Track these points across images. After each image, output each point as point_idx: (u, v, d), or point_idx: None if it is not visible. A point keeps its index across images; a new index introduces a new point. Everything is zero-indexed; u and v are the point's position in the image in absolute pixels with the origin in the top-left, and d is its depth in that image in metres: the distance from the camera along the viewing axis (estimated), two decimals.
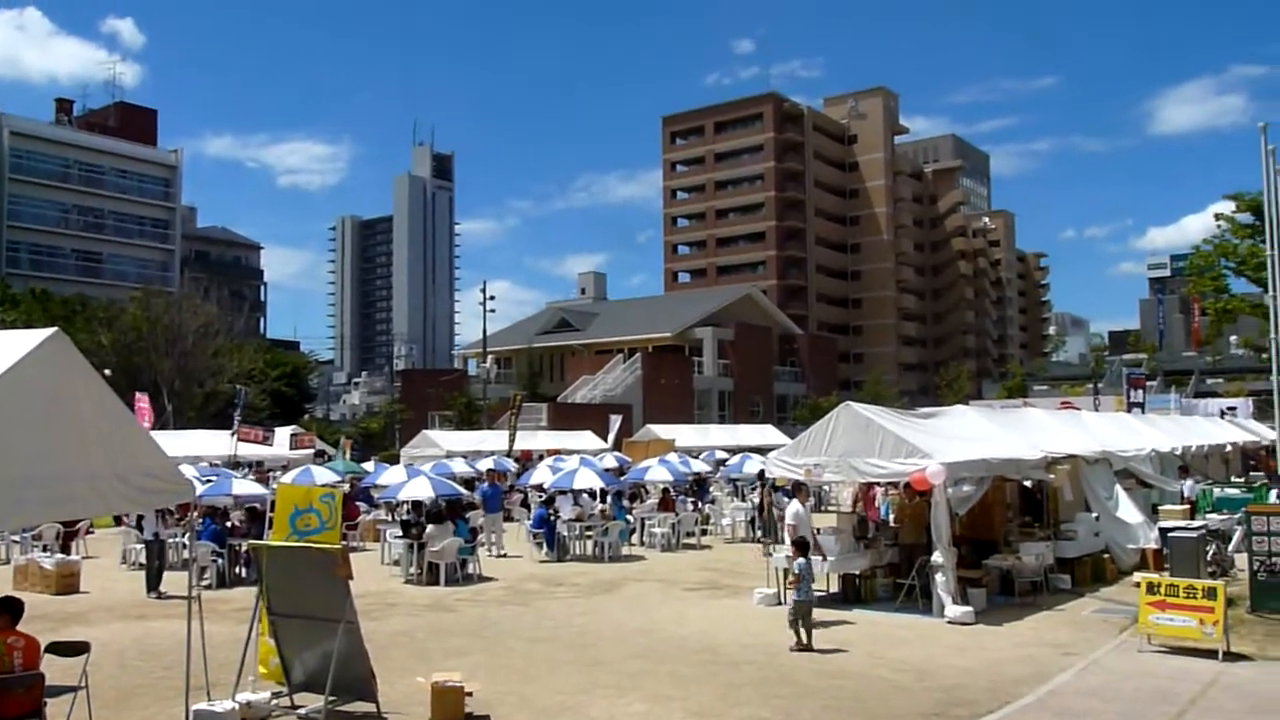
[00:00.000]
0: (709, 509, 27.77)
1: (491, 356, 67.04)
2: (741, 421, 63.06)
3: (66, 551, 20.35)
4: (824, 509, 27.47)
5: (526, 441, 41.98)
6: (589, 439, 43.81)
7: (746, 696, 10.26)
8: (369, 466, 33.57)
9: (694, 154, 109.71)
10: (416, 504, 21.07)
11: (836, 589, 15.67)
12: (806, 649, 12.15)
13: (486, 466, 33.27)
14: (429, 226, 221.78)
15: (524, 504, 29.17)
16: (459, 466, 32.86)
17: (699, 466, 32.88)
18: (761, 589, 15.55)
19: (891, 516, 17.70)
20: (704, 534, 25.82)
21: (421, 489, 20.74)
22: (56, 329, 7.61)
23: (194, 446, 33.18)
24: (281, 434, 33.62)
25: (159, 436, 24.06)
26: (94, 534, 24.58)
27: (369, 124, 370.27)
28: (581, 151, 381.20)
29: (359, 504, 26.53)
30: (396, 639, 13.23)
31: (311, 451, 33.84)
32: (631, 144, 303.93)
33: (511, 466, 35.43)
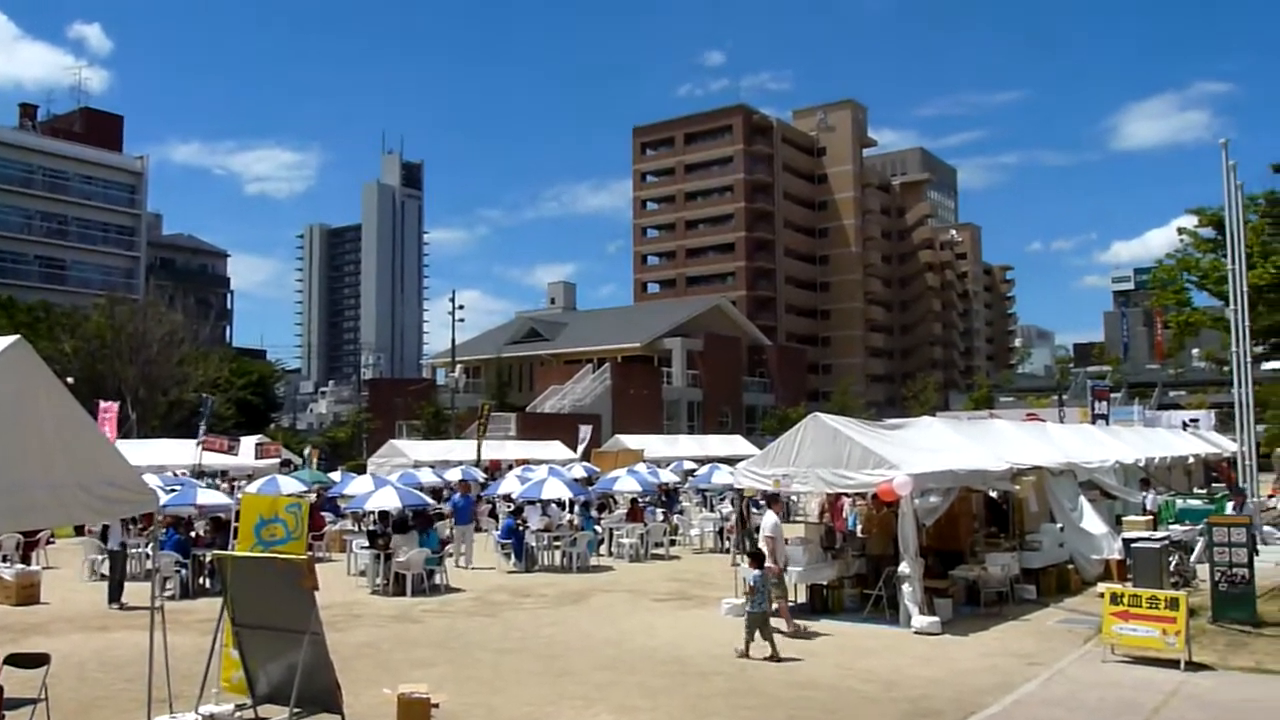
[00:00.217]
0: (677, 519, 27.78)
1: (460, 366, 66.75)
2: (710, 432, 63.11)
3: (27, 562, 20.03)
4: (791, 519, 27.54)
5: (495, 451, 41.84)
6: (558, 449, 43.71)
7: (715, 707, 10.27)
8: (336, 476, 33.31)
9: (664, 165, 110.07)
10: (383, 514, 20.93)
11: (804, 599, 15.72)
12: (775, 657, 12.21)
13: (455, 476, 33.12)
14: (398, 235, 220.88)
15: (492, 514, 29.05)
16: (426, 476, 32.74)
17: (667, 477, 32.90)
18: (730, 599, 15.57)
19: (859, 527, 17.78)
20: (672, 544, 25.82)
21: (388, 499, 20.61)
22: (18, 336, 7.52)
23: (158, 455, 32.82)
24: (247, 443, 33.28)
25: (122, 445, 23.77)
26: (55, 544, 24.21)
27: (338, 132, 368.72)
28: (552, 161, 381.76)
29: (325, 514, 26.32)
30: (362, 650, 13.12)
31: (277, 461, 33.50)
32: (602, 154, 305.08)
33: (480, 476, 35.30)
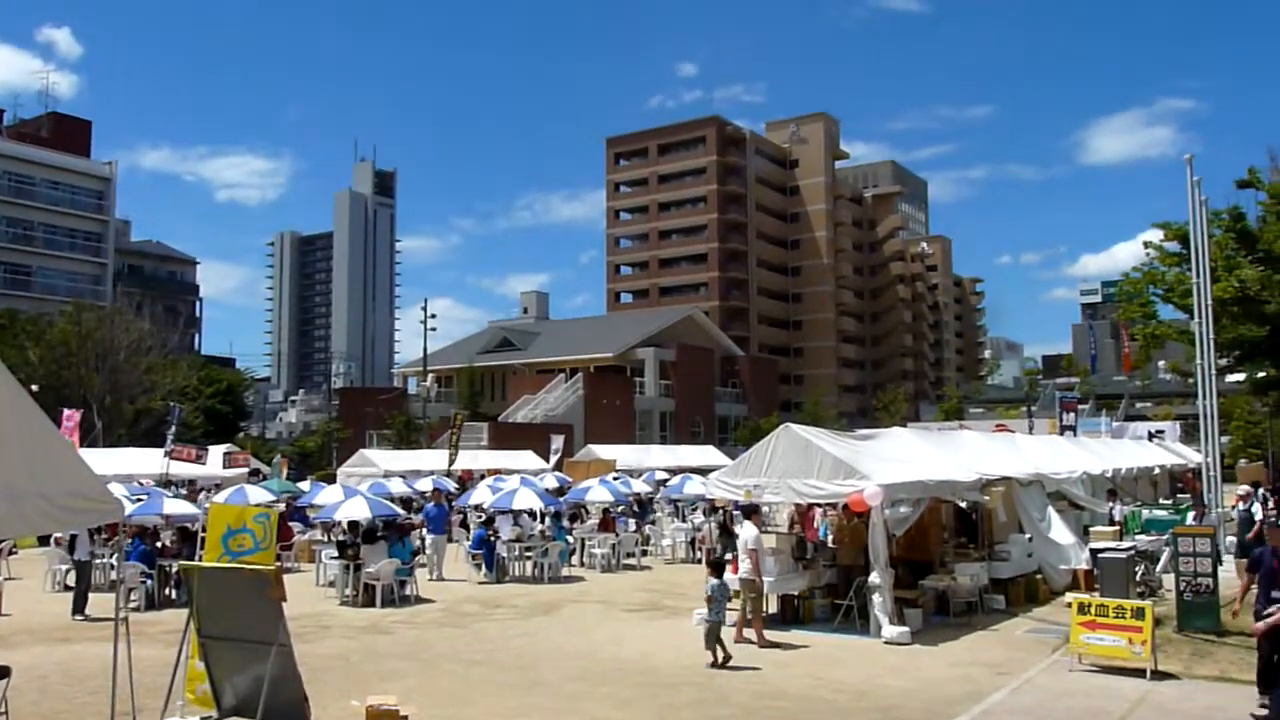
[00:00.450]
0: (649, 530, 27.75)
1: (432, 375, 66.52)
2: (683, 442, 63.16)
3: None
4: (764, 530, 27.55)
5: (467, 461, 41.63)
6: (530, 459, 43.59)
7: (685, 718, 10.25)
8: (305, 486, 33.05)
9: (637, 175, 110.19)
10: (353, 524, 20.78)
11: (775, 610, 15.73)
12: (724, 665, 12.42)
13: (426, 486, 32.93)
14: (370, 243, 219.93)
15: (463, 524, 28.91)
16: (396, 486, 32.54)
17: (640, 487, 32.87)
18: (701, 610, 15.49)
19: (830, 537, 17.82)
20: (644, 555, 25.79)
21: (358, 509, 20.45)
22: None
23: (124, 464, 32.41)
24: (215, 452, 32.98)
25: (88, 454, 23.52)
26: (17, 554, 23.88)
27: (310, 139, 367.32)
28: (525, 171, 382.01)
29: (294, 524, 26.11)
30: (331, 662, 13.01)
31: (246, 470, 33.19)
32: (575, 164, 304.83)
33: (451, 486, 35.12)
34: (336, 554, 19.79)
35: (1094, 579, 15.90)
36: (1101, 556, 15.23)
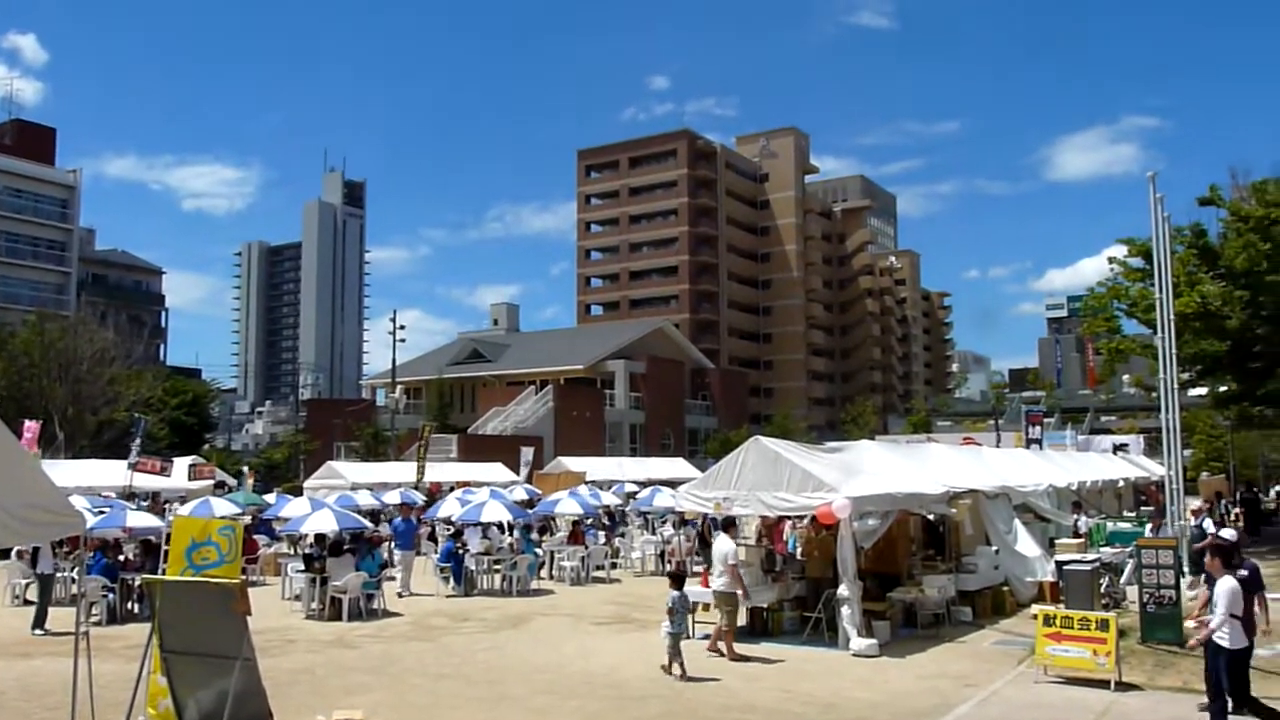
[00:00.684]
0: (619, 542, 27.70)
1: (401, 386, 66.03)
2: (652, 454, 63.18)
3: None
4: (736, 543, 27.57)
5: (435, 473, 41.42)
6: (499, 471, 43.43)
7: None
8: (271, 498, 32.73)
9: (608, 188, 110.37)
10: (320, 537, 20.60)
11: (744, 622, 15.72)
12: (669, 672, 12.54)
13: (394, 499, 32.72)
14: (339, 254, 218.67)
15: (431, 537, 28.73)
16: (364, 499, 32.29)
17: (609, 499, 32.81)
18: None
19: (799, 550, 17.87)
20: (614, 567, 25.73)
21: (325, 522, 20.26)
22: None
23: (87, 476, 31.90)
24: (180, 464, 32.59)
25: (49, 466, 23.20)
26: None
27: (279, 149, 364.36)
28: (496, 182, 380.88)
29: (260, 537, 25.85)
30: (296, 676, 12.87)
31: (211, 482, 32.81)
32: (546, 176, 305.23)
33: (419, 499, 34.90)
34: (303, 567, 19.61)
35: (1059, 591, 16.03)
36: (1066, 569, 15.35)
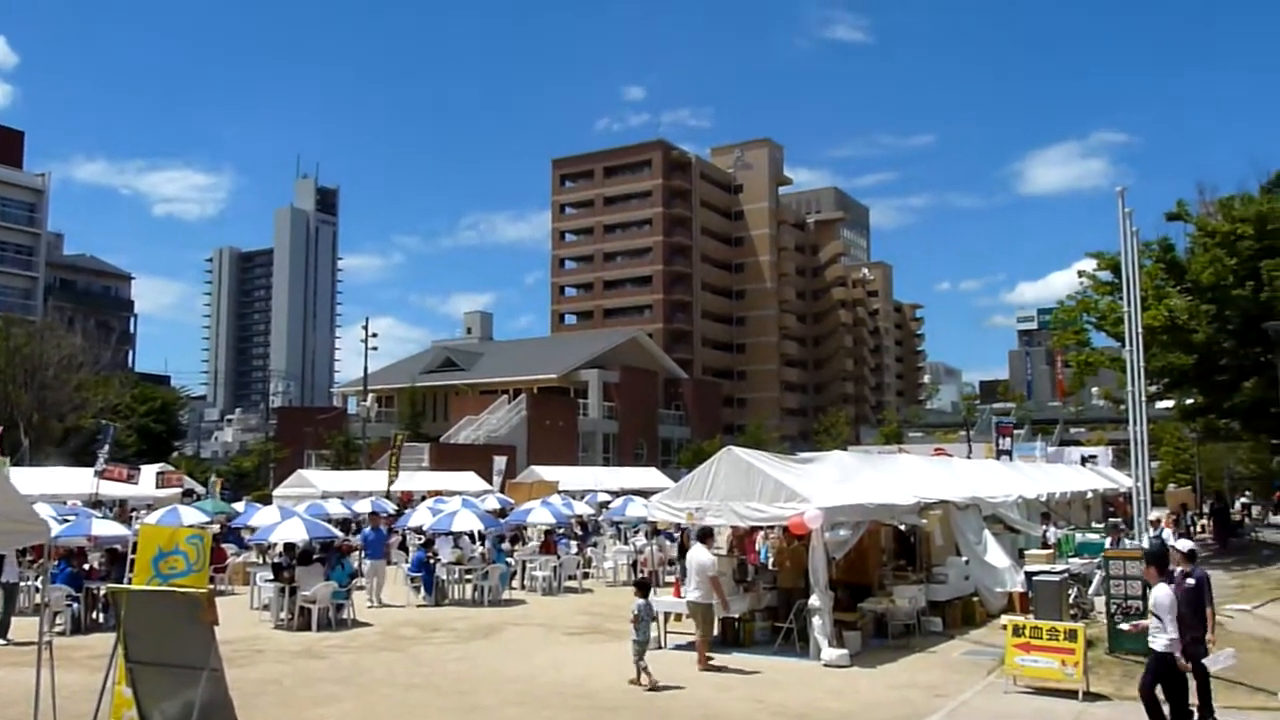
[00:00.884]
0: (591, 552, 27.64)
1: (373, 395, 65.67)
2: (626, 464, 63.07)
3: None
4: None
5: (407, 482, 41.20)
6: (472, 480, 43.23)
7: None
8: (239, 507, 32.42)
9: (583, 197, 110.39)
10: (289, 546, 20.42)
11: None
12: (637, 683, 12.54)
13: (365, 508, 32.48)
14: (311, 260, 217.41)
15: (402, 547, 28.55)
16: (334, 507, 32.07)
17: (582, 509, 32.73)
18: None
19: (770, 560, 17.89)
20: (586, 577, 25.67)
21: (295, 531, 20.09)
22: None
23: (52, 484, 31.45)
24: (148, 472, 32.21)
25: (13, 474, 22.85)
26: None
27: (252, 155, 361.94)
28: (471, 191, 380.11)
29: (229, 545, 25.60)
30: (264, 687, 12.74)
31: (179, 491, 32.45)
32: (521, 185, 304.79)
33: (391, 508, 34.69)
34: (272, 576, 19.43)
35: (1028, 601, 16.12)
36: (1036, 579, 15.45)
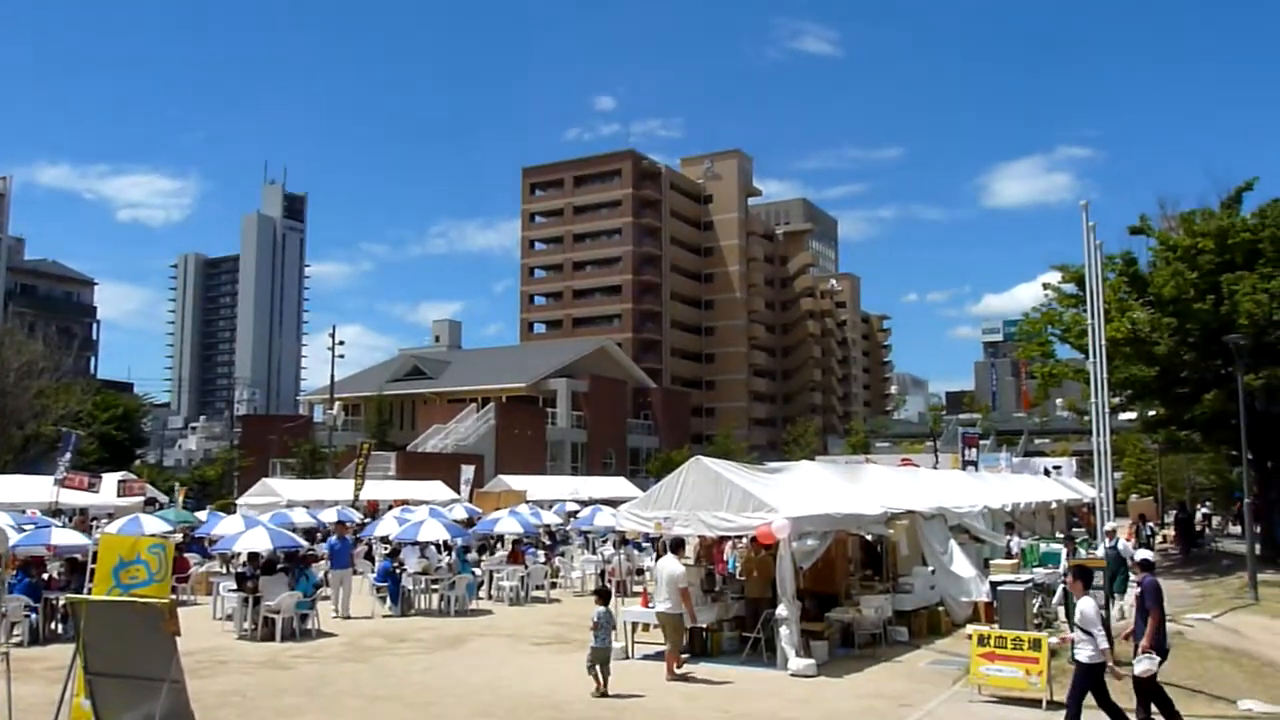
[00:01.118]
0: (559, 561, 27.55)
1: (339, 403, 65.26)
2: (594, 474, 63.03)
3: None
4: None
5: (373, 491, 40.90)
6: (439, 489, 43.01)
7: None
8: (203, 515, 32.08)
9: (553, 206, 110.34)
10: (253, 555, 20.22)
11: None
12: (604, 695, 12.56)
13: (330, 517, 32.23)
14: (278, 267, 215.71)
15: (368, 556, 28.34)
16: (299, 516, 31.79)
17: (550, 518, 32.64)
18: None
19: (738, 570, 17.91)
20: (553, 587, 25.57)
21: (259, 540, 19.91)
22: None
23: (11, 493, 31.00)
24: (109, 480, 31.82)
25: None
26: None
27: (218, 160, 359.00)
28: (440, 198, 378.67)
29: (192, 555, 25.31)
30: (227, 698, 12.60)
31: (141, 499, 32.09)
32: (490, 193, 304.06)
33: (357, 517, 34.45)
34: (235, 586, 19.22)
35: (994, 611, 16.24)
36: (1000, 589, 15.58)
